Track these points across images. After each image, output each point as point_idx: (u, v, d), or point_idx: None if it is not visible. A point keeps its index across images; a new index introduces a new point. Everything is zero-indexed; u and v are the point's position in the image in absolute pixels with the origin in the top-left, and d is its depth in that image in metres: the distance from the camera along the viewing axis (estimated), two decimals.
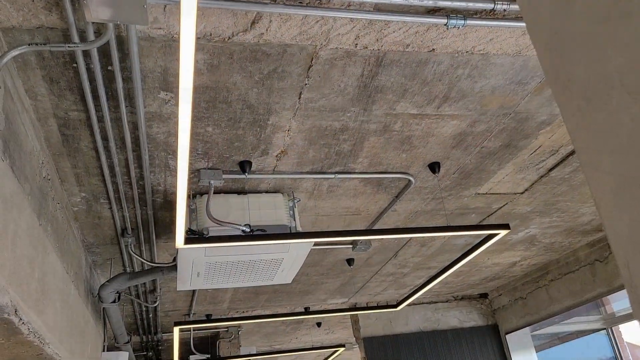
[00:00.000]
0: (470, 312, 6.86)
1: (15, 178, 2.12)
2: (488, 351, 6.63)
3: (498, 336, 6.74)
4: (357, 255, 4.91)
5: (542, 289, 5.93)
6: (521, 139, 3.22)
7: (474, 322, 6.81)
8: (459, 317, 6.81)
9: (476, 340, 6.68)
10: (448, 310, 6.83)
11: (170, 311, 5.93)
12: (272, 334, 7.89)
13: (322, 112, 2.68)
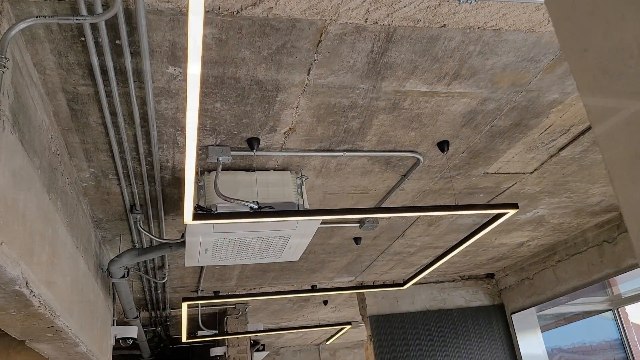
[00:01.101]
0: (477, 291, 6.88)
1: (25, 152, 2.12)
2: (494, 331, 6.67)
3: (504, 316, 6.77)
4: (365, 234, 4.92)
5: (549, 269, 5.93)
6: (532, 118, 3.19)
7: (480, 301, 6.84)
8: (465, 296, 6.83)
9: (482, 319, 6.71)
10: (454, 289, 6.86)
11: (179, 287, 5.99)
12: (279, 311, 7.97)
13: (331, 88, 2.66)
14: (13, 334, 2.64)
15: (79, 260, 3.28)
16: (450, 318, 6.67)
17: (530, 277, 6.23)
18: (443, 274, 6.76)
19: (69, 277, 2.94)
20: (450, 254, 4.43)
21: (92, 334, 3.62)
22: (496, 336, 6.64)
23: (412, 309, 6.67)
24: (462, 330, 6.61)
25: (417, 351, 6.41)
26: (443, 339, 6.53)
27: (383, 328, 6.48)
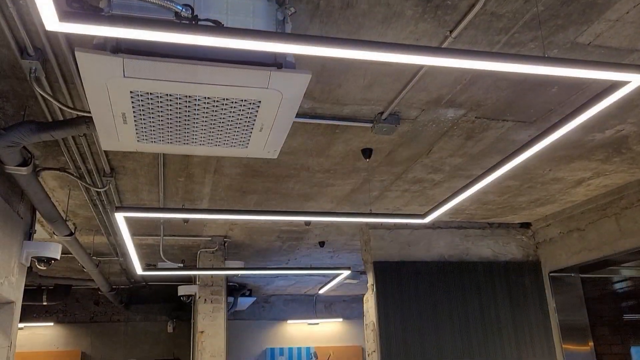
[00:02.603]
0: (508, 243, 5.58)
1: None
2: (525, 292, 5.40)
3: (539, 276, 5.48)
4: (378, 145, 3.57)
5: (610, 218, 4.58)
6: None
7: (511, 255, 5.54)
8: (493, 247, 5.53)
9: (511, 277, 5.43)
10: (481, 238, 5.55)
11: (133, 205, 4.72)
12: (265, 250, 6.74)
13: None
14: None
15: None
16: (472, 272, 5.39)
17: (582, 228, 4.90)
18: (469, 217, 5.44)
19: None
20: (493, 175, 3.09)
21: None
22: (528, 300, 5.38)
23: (426, 257, 5.39)
24: (486, 287, 5.35)
25: (429, 307, 5.17)
26: (462, 295, 5.27)
27: (389, 277, 5.22)
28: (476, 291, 5.32)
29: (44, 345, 8.38)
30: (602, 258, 4.62)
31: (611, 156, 3.88)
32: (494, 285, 5.38)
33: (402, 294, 5.19)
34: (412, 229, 5.46)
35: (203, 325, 5.71)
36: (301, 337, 10.61)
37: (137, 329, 8.77)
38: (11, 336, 3.36)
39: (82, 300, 8.74)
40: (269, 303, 10.65)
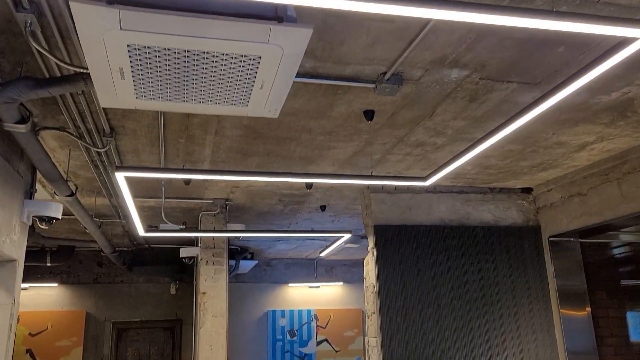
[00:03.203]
0: (509, 208, 5.58)
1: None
2: (524, 256, 5.43)
3: (538, 241, 5.50)
4: (380, 105, 3.53)
5: (612, 183, 4.57)
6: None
7: (512, 220, 5.55)
8: (494, 212, 5.54)
9: (511, 242, 5.45)
10: (482, 203, 5.55)
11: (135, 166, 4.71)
12: (267, 214, 6.77)
13: None
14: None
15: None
16: (473, 236, 5.41)
17: (583, 193, 4.88)
18: (471, 181, 5.43)
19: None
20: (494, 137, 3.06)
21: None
22: (526, 263, 5.41)
23: (427, 221, 5.40)
24: (485, 251, 5.37)
25: (428, 270, 5.21)
26: (462, 259, 5.31)
27: (390, 240, 5.25)
28: (476, 255, 5.35)
29: (49, 305, 8.51)
30: (603, 223, 4.62)
31: (616, 119, 3.84)
32: (493, 249, 5.41)
33: (402, 257, 5.22)
34: (413, 193, 5.46)
35: (205, 287, 5.78)
36: (302, 300, 10.75)
37: (140, 290, 8.89)
38: (14, 294, 3.40)
39: (86, 261, 8.83)
40: (270, 266, 10.76)
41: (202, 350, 5.61)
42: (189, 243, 7.65)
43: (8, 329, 3.31)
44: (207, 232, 5.20)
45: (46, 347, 8.28)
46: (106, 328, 8.59)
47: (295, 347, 10.44)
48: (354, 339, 10.71)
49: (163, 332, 8.83)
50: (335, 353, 10.55)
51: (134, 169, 3.26)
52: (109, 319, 8.65)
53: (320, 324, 10.68)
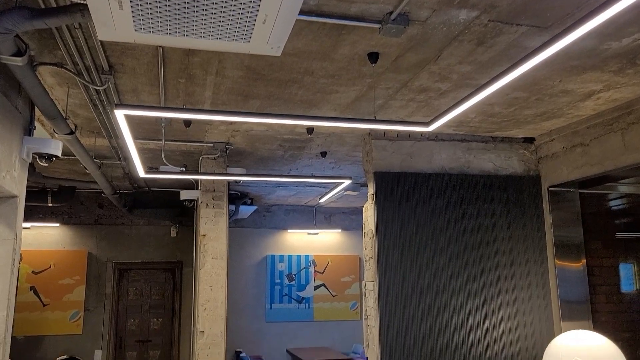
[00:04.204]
0: (510, 157, 5.56)
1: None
2: (522, 206, 5.46)
3: (538, 192, 5.51)
4: (385, 47, 3.45)
5: (615, 133, 4.53)
6: None
7: (512, 169, 5.55)
8: (495, 161, 5.53)
9: (511, 191, 5.46)
10: (483, 152, 5.53)
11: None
12: (267, 159, 6.75)
13: None
14: None
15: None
16: (473, 185, 5.42)
17: (586, 143, 4.86)
18: (474, 130, 5.39)
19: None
20: (500, 82, 3.01)
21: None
22: (525, 213, 5.44)
23: (427, 168, 5.39)
24: (485, 200, 5.39)
25: (427, 217, 5.25)
26: (461, 207, 5.34)
27: (390, 187, 5.26)
28: (475, 204, 5.38)
29: (51, 244, 8.63)
30: (604, 173, 4.61)
31: (625, 67, 3.76)
32: (492, 199, 5.43)
33: (402, 204, 5.25)
34: (414, 140, 5.43)
35: (205, 229, 5.83)
36: (301, 245, 10.91)
37: (141, 232, 9.00)
38: (16, 230, 3.43)
39: (87, 203, 8.90)
40: (270, 212, 10.86)
41: (202, 291, 5.73)
42: (189, 186, 7.68)
43: (11, 264, 3.36)
44: (208, 175, 5.21)
45: (49, 284, 8.46)
46: (108, 268, 8.75)
47: (293, 291, 10.68)
48: (351, 284, 10.94)
49: (164, 273, 9.01)
50: (332, 298, 10.80)
51: (133, 107, 3.22)
52: (111, 260, 8.80)
53: (318, 269, 10.88)
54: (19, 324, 8.19)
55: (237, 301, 10.19)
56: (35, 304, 8.35)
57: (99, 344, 8.48)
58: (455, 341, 5.08)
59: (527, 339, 5.20)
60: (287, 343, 10.44)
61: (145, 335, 8.74)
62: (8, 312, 3.34)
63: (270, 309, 10.52)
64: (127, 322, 8.70)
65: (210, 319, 5.67)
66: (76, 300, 8.48)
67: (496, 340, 5.15)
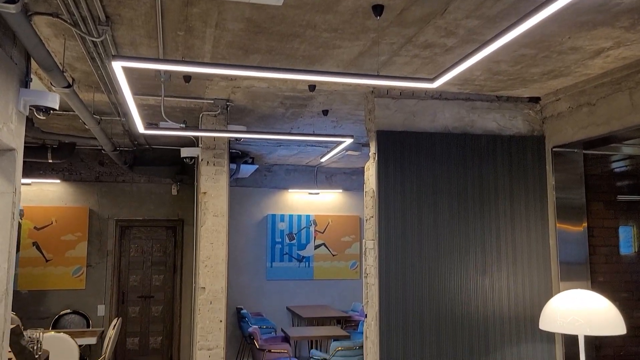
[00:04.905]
0: (514, 117, 5.49)
1: None
2: (525, 167, 5.42)
3: (542, 152, 5.46)
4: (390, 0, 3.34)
5: (623, 92, 4.45)
6: None
7: (517, 129, 5.48)
8: (499, 121, 5.46)
9: (514, 151, 5.41)
10: (487, 111, 5.45)
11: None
12: (268, 117, 6.68)
13: None
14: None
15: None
16: (476, 144, 5.36)
17: (592, 103, 4.78)
18: (478, 89, 5.30)
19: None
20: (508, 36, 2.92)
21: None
22: (527, 173, 5.40)
23: (430, 127, 5.33)
24: (488, 160, 5.35)
25: (428, 177, 5.22)
26: (463, 167, 5.30)
27: (392, 146, 5.21)
28: (477, 164, 5.34)
29: (52, 200, 8.66)
30: (609, 133, 4.55)
31: (637, 23, 3.65)
32: (495, 159, 5.39)
33: (403, 164, 5.21)
34: (418, 99, 5.35)
35: (206, 187, 5.82)
36: (301, 205, 10.94)
37: (142, 190, 9.00)
38: (15, 183, 3.41)
39: (87, 160, 8.87)
40: (270, 172, 10.84)
41: (203, 248, 5.76)
42: (190, 144, 7.63)
43: (11, 217, 3.35)
44: (208, 132, 5.15)
45: (52, 240, 8.53)
46: (109, 225, 8.80)
47: (293, 250, 10.77)
48: (351, 244, 11.02)
49: (165, 231, 9.06)
50: (332, 257, 10.90)
51: (131, 59, 3.15)
52: (112, 217, 8.84)
53: (318, 229, 10.94)
54: (22, 278, 8.30)
55: (238, 259, 10.30)
56: (38, 259, 8.44)
57: (101, 299, 8.61)
58: (454, 299, 5.13)
59: (525, 298, 5.25)
60: (287, 301, 10.59)
61: (147, 291, 8.86)
62: (9, 265, 3.36)
63: (270, 267, 10.63)
64: (129, 278, 8.81)
65: (211, 276, 5.72)
66: (78, 256, 8.56)
67: (494, 299, 5.20)
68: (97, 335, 7.17)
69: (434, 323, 5.05)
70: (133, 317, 8.75)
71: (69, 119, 6.63)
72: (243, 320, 8.98)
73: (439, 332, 5.05)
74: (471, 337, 5.10)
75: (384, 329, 4.96)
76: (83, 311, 8.18)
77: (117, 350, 8.55)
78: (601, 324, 4.06)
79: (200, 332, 5.62)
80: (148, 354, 8.80)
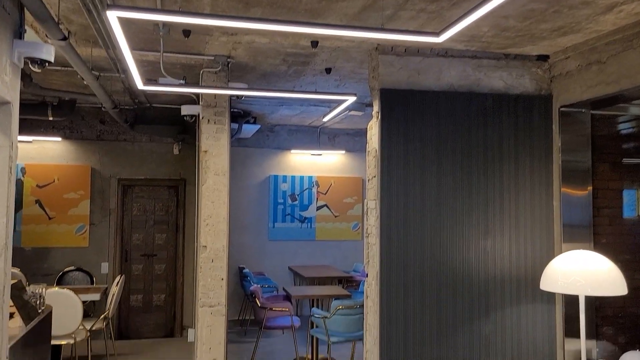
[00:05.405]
0: (522, 75, 5.36)
1: None
2: (532, 127, 5.32)
3: (548, 113, 5.36)
4: None
5: (635, 50, 4.32)
6: None
7: (524, 88, 5.36)
8: (506, 80, 5.33)
9: (520, 111, 5.31)
10: (494, 69, 5.32)
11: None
12: (270, 75, 6.56)
13: None
14: None
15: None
16: (481, 104, 5.26)
17: (603, 61, 4.65)
18: (485, 46, 5.16)
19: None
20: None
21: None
22: (533, 137, 5.32)
23: (435, 86, 5.22)
24: (493, 120, 5.26)
25: (432, 136, 5.15)
26: (467, 127, 5.22)
27: (395, 105, 5.12)
28: (482, 124, 5.25)
29: (54, 158, 8.63)
30: (619, 92, 4.44)
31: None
32: (501, 119, 5.29)
33: (407, 123, 5.12)
34: (423, 56, 5.22)
35: (207, 145, 5.76)
36: (304, 166, 10.90)
37: (143, 149, 8.95)
38: (12, 137, 3.36)
39: (88, 118, 8.80)
40: (273, 132, 10.76)
41: (204, 207, 5.75)
42: (190, 103, 7.53)
43: (8, 172, 3.31)
44: (208, 89, 5.06)
45: (54, 198, 8.54)
46: (112, 184, 8.79)
47: (295, 211, 10.79)
48: (353, 205, 11.02)
49: (167, 190, 9.05)
50: (334, 218, 10.93)
51: (127, 9, 3.04)
52: (114, 176, 8.82)
53: (320, 190, 10.93)
54: (26, 235, 8.35)
55: (240, 220, 10.33)
56: (41, 217, 8.47)
57: (105, 257, 8.68)
58: (455, 260, 5.12)
59: (526, 259, 5.24)
60: (289, 261, 10.68)
61: (150, 249, 8.92)
62: (8, 219, 3.34)
63: (272, 227, 10.67)
64: (132, 237, 8.85)
65: (213, 234, 5.72)
66: (81, 214, 8.59)
67: (496, 260, 5.19)
68: (100, 292, 7.25)
69: (434, 283, 5.06)
70: (136, 275, 8.84)
71: (67, 75, 6.53)
72: (245, 279, 9.07)
73: (439, 292, 5.07)
74: (472, 297, 5.12)
75: (385, 288, 4.98)
76: (87, 269, 8.26)
77: (121, 307, 8.68)
78: (603, 285, 4.05)
79: (202, 290, 5.66)
80: (152, 310, 8.92)
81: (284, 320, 7.54)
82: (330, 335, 6.79)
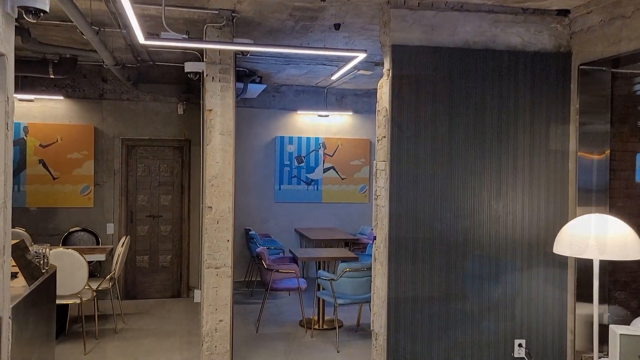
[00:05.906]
0: (540, 31, 5.12)
1: None
2: (549, 87, 5.11)
3: (567, 70, 5.14)
4: None
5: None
6: None
7: (542, 45, 5.13)
8: (524, 36, 5.09)
9: (537, 69, 5.09)
10: (511, 25, 5.08)
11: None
12: (277, 31, 6.32)
13: None
14: None
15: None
16: (497, 61, 5.04)
17: (627, 15, 4.40)
18: (502, 0, 4.90)
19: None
20: None
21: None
22: (550, 97, 5.11)
23: (449, 42, 4.99)
24: (508, 79, 5.05)
25: (445, 95, 4.96)
26: (482, 86, 5.02)
27: (407, 63, 4.91)
28: (497, 83, 5.04)
29: (57, 118, 8.49)
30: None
31: None
32: (517, 77, 5.08)
33: (419, 81, 4.93)
34: (437, 10, 4.97)
35: (211, 104, 5.60)
36: (311, 128, 10.72)
37: (147, 108, 8.79)
38: (7, 91, 3.21)
39: (90, 76, 8.61)
40: (279, 93, 10.54)
41: (209, 167, 5.63)
42: (194, 60, 7.31)
43: (4, 127, 3.19)
44: (212, 44, 4.86)
45: (58, 158, 8.44)
46: (115, 144, 8.67)
47: (302, 173, 10.67)
48: (361, 168, 10.88)
49: (172, 151, 8.93)
50: (341, 180, 10.81)
51: None
52: (118, 136, 8.69)
53: (327, 152, 10.78)
54: (30, 195, 8.30)
55: (246, 181, 10.23)
56: (46, 177, 8.39)
57: (110, 218, 8.64)
58: (466, 222, 5.01)
59: (539, 223, 5.12)
60: (296, 223, 10.62)
61: (156, 210, 8.87)
62: (6, 177, 3.23)
63: (279, 189, 10.58)
64: (137, 198, 8.79)
65: (218, 195, 5.62)
66: (86, 175, 8.51)
67: (508, 223, 5.07)
68: (106, 252, 7.22)
69: (444, 245, 4.96)
70: (142, 236, 8.81)
71: (67, 31, 6.32)
72: (251, 241, 9.03)
73: (449, 255, 4.97)
74: (482, 260, 5.02)
75: (393, 251, 4.89)
76: (92, 229, 8.22)
77: (127, 268, 8.68)
78: (618, 249, 3.92)
79: (208, 251, 5.60)
80: (158, 271, 8.93)
81: (290, 282, 7.52)
82: (337, 297, 6.76)
